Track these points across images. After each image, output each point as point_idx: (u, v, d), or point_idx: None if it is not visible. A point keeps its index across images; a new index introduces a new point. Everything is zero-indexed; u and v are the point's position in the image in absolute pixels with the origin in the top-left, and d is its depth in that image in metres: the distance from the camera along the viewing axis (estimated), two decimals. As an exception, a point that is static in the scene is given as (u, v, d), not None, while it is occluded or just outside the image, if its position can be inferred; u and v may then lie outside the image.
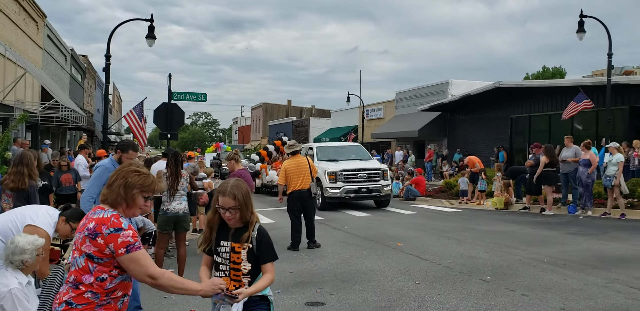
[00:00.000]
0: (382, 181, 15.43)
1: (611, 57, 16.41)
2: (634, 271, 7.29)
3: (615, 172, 12.57)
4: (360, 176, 15.17)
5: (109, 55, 15.20)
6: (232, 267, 3.25)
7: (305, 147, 17.99)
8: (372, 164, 16.06)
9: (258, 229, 3.29)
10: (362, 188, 15.10)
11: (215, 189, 3.34)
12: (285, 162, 10.20)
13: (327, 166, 15.38)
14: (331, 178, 15.04)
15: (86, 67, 37.83)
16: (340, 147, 18.05)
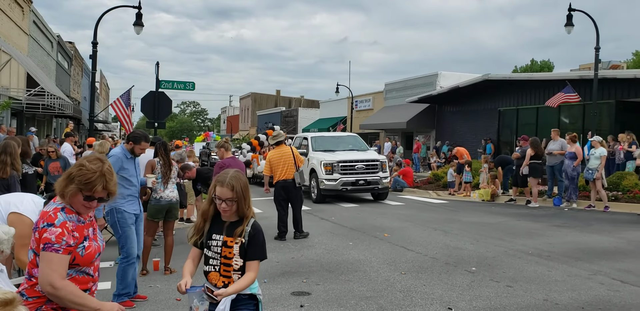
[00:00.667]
0: (381, 173, 14.87)
1: (598, 51, 16.49)
2: (617, 263, 7.39)
3: (597, 165, 12.69)
4: (358, 168, 14.59)
5: (96, 42, 15.02)
6: (222, 262, 3.14)
7: (300, 137, 17.55)
8: (370, 155, 15.48)
9: (253, 225, 3.19)
10: (359, 180, 14.50)
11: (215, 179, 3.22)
12: (269, 153, 10.17)
13: (323, 157, 14.80)
14: (327, 169, 14.44)
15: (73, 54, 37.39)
16: (336, 137, 17.31)
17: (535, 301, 5.72)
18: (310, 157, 15.13)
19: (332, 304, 5.68)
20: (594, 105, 16.30)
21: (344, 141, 16.53)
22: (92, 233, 2.83)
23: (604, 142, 13.55)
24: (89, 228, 2.81)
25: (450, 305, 5.61)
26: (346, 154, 15.16)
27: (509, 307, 5.52)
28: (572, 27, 17.02)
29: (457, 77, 28.48)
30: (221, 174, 3.21)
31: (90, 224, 2.86)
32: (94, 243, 2.79)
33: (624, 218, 11.75)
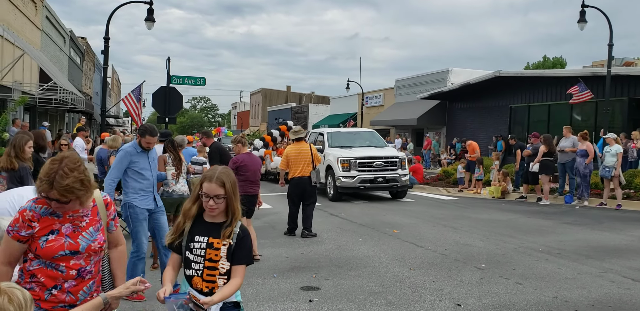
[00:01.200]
0: (400, 170, 14.27)
1: (612, 48, 16.34)
2: (628, 261, 7.34)
3: (614, 163, 12.60)
4: (377, 165, 14.05)
5: (108, 37, 15.10)
6: (206, 265, 2.89)
7: (315, 132, 17.04)
8: (388, 151, 14.90)
9: (241, 227, 2.99)
10: (378, 178, 13.94)
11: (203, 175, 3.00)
12: (287, 148, 10.06)
13: (340, 154, 14.31)
14: (344, 166, 13.93)
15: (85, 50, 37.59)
16: (353, 133, 16.64)
17: (545, 298, 5.70)
18: (327, 153, 14.75)
19: (341, 299, 5.69)
20: (607, 102, 16.16)
21: (361, 137, 16.02)
22: (72, 229, 2.71)
23: (618, 139, 13.45)
24: (65, 223, 2.70)
25: (459, 301, 5.60)
26: (364, 150, 14.64)
27: (518, 304, 5.50)
28: (585, 23, 16.87)
29: (468, 73, 28.31)
30: (209, 171, 3.02)
31: (73, 219, 2.73)
32: (65, 239, 2.67)
33: (636, 216, 11.66)
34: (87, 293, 2.79)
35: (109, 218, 2.96)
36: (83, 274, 2.75)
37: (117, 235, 3.05)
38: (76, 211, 2.76)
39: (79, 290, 2.75)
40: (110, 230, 2.97)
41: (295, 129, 10.04)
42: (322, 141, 15.39)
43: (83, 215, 2.79)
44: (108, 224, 2.95)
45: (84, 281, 2.77)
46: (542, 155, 13.68)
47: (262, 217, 11.24)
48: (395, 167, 14.20)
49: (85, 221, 2.79)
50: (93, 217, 2.83)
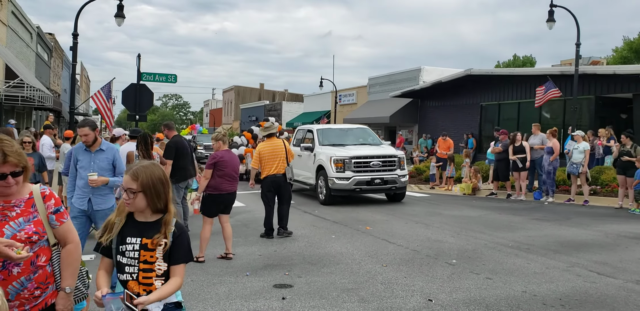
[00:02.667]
0: (399, 170, 13.08)
1: (579, 47, 16.68)
2: (594, 255, 7.52)
3: (581, 160, 12.88)
4: (374, 165, 12.82)
5: (77, 33, 14.82)
6: (142, 268, 2.76)
7: (303, 129, 15.76)
8: (386, 150, 13.61)
9: (176, 224, 2.85)
10: (375, 179, 12.72)
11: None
12: (260, 145, 9.56)
13: (334, 152, 12.97)
14: (338, 166, 12.64)
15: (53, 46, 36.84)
16: (345, 130, 15.23)
17: (514, 292, 5.81)
18: (318, 152, 13.54)
19: (314, 296, 5.70)
20: (574, 100, 16.50)
21: (354, 134, 14.86)
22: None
23: (586, 137, 13.76)
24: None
25: (431, 296, 5.67)
26: (359, 149, 13.41)
27: (488, 299, 5.59)
28: (553, 22, 17.18)
29: (439, 72, 28.59)
30: (133, 164, 2.93)
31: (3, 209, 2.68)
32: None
33: (602, 211, 11.94)
34: (19, 289, 2.68)
35: (48, 211, 2.81)
36: (9, 266, 2.65)
37: (63, 232, 2.86)
38: (8, 201, 2.69)
39: (8, 284, 2.64)
40: (52, 225, 2.82)
41: (266, 124, 9.66)
42: (311, 139, 14.34)
43: (14, 205, 2.72)
44: (48, 217, 2.81)
45: (12, 276, 2.66)
46: (515, 152, 13.98)
47: (235, 215, 11.18)
48: (393, 167, 13.04)
49: (15, 211, 2.71)
50: (26, 208, 2.75)
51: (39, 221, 2.76)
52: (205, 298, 5.65)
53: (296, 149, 14.13)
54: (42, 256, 2.78)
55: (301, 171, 14.17)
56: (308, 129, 15.25)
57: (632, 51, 42.51)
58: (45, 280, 2.79)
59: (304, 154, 14.17)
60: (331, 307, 5.36)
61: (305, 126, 16.25)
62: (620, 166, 12.28)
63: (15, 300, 2.68)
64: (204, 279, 6.41)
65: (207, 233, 7.41)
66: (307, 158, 14.05)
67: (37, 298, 2.76)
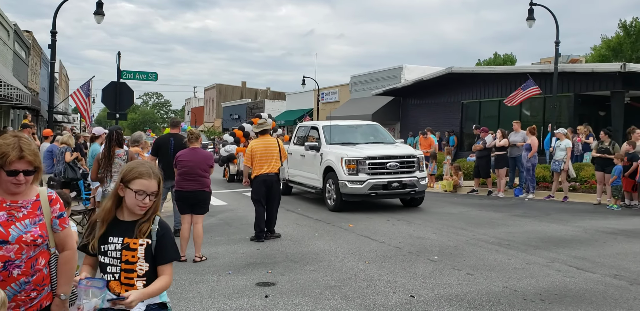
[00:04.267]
0: (418, 172, 11.66)
1: (558, 45, 16.86)
2: (573, 250, 7.63)
3: (563, 157, 13.05)
4: (391, 166, 11.35)
5: (55, 31, 14.62)
6: (123, 268, 2.73)
7: (305, 126, 14.14)
8: (404, 149, 12.24)
9: (159, 223, 2.81)
10: (392, 182, 11.27)
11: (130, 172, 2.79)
12: (252, 142, 9.15)
13: (345, 152, 11.52)
14: (351, 168, 11.20)
15: (31, 44, 36.30)
16: (354, 126, 13.69)
17: (495, 288, 5.87)
18: (325, 152, 12.06)
19: (296, 294, 5.71)
20: (554, 98, 16.68)
21: (363, 131, 13.38)
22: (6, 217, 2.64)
23: (568, 134, 13.94)
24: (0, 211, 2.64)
25: (413, 292, 5.70)
26: (372, 148, 11.97)
27: (469, 294, 5.64)
28: (533, 21, 17.35)
29: (421, 70, 28.73)
30: (138, 166, 2.82)
31: (10, 208, 2.66)
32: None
33: (581, 207, 12.11)
34: (17, 291, 2.66)
35: (53, 215, 2.80)
36: (10, 268, 2.63)
37: (63, 238, 2.84)
38: (15, 201, 2.69)
39: (6, 286, 2.62)
40: (55, 229, 2.81)
41: (259, 121, 9.29)
42: (317, 137, 12.78)
43: (21, 206, 2.71)
44: (52, 221, 2.80)
45: (12, 277, 2.64)
46: (498, 149, 14.11)
47: (217, 214, 11.14)
48: (412, 168, 11.59)
49: (22, 212, 2.70)
50: (33, 210, 2.74)
51: (44, 224, 2.75)
52: (187, 297, 5.62)
53: (297, 148, 13.46)
54: (41, 259, 2.76)
55: (305, 172, 13.12)
56: (312, 125, 13.66)
57: (609, 49, 43.14)
58: (41, 282, 2.77)
59: (308, 154, 12.77)
60: (314, 304, 5.37)
61: (308, 123, 14.75)
62: (599, 162, 12.46)
63: (12, 302, 2.66)
64: (186, 278, 6.37)
65: (185, 232, 7.35)
66: (312, 158, 12.59)
67: (32, 299, 2.74)
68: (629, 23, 42.71)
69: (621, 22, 43.15)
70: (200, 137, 7.93)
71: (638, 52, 41.50)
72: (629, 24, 42.65)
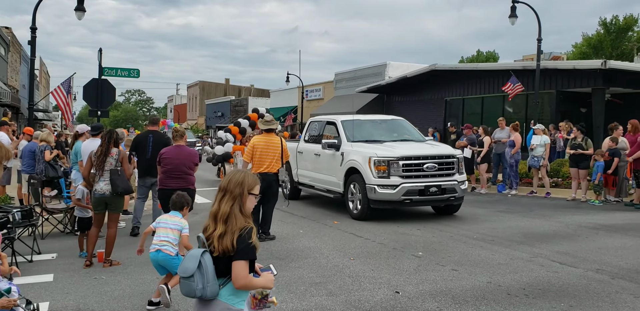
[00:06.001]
0: (457, 175, 10.18)
1: (541, 43, 17.00)
2: (556, 246, 7.69)
3: (542, 153, 13.17)
4: (428, 168, 9.82)
5: (35, 27, 14.37)
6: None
7: (320, 121, 12.35)
8: (443, 148, 10.71)
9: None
10: (430, 187, 9.73)
11: (250, 181, 3.00)
12: (255, 138, 8.80)
13: (373, 151, 9.91)
14: (381, 170, 9.67)
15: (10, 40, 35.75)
16: (378, 121, 12.03)
17: (480, 283, 5.89)
18: (347, 151, 10.48)
19: (282, 291, 5.68)
20: (536, 95, 16.82)
21: (388, 127, 11.80)
22: None
23: (546, 130, 14.07)
24: None
25: (398, 288, 5.71)
26: (404, 146, 10.44)
27: (454, 290, 5.66)
28: (515, 18, 17.47)
29: (405, 67, 28.80)
30: (248, 174, 3.03)
31: None
32: None
33: (564, 203, 12.23)
34: None
35: None
36: None
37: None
38: None
39: None
40: None
41: (267, 118, 8.96)
42: (335, 135, 11.28)
43: None
44: None
45: None
46: (480, 146, 14.20)
47: (201, 212, 11.06)
48: (452, 171, 10.11)
49: None
50: None
51: None
52: (171, 296, 5.56)
53: (309, 147, 12.10)
54: None
55: (319, 174, 11.54)
56: (327, 121, 12.01)
57: (590, 47, 43.63)
58: None
59: (324, 153, 11.16)
60: (299, 301, 5.35)
61: (323, 117, 12.68)
62: (573, 159, 12.57)
63: None
64: (169, 276, 6.31)
65: None
66: (329, 158, 10.99)
67: None
68: (609, 21, 43.24)
69: (601, 20, 43.68)
70: (185, 135, 7.87)
71: (618, 50, 42.06)
72: (609, 22, 43.18)
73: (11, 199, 11.33)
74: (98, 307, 5.26)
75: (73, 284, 6.06)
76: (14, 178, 11.83)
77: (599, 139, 15.47)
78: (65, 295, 5.65)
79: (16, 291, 4.37)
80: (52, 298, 5.53)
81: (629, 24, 42.75)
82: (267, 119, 8.81)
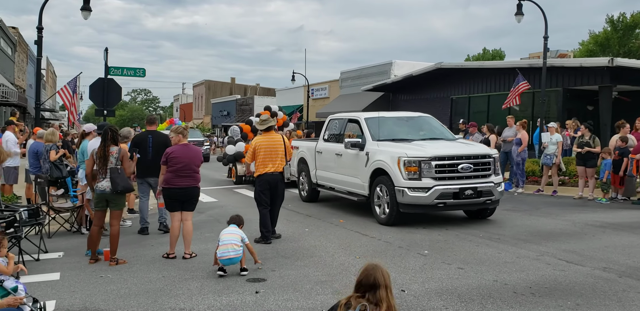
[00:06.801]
0: (494, 176, 9.45)
1: (547, 40, 16.90)
2: (562, 244, 7.66)
3: (555, 151, 13.10)
4: (463, 169, 9.04)
5: (41, 27, 14.41)
6: None
7: (341, 119, 11.70)
8: (478, 148, 9.95)
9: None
10: (465, 189, 8.96)
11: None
12: (256, 138, 8.56)
13: (402, 151, 9.14)
14: (411, 171, 8.91)
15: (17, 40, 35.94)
16: (404, 119, 11.33)
17: (486, 282, 5.87)
18: (373, 150, 9.77)
19: (287, 289, 5.68)
20: (543, 92, 16.74)
21: (414, 125, 11.07)
22: None
23: (558, 129, 14.01)
24: None
25: (404, 287, 5.70)
26: (435, 145, 9.65)
27: (460, 288, 5.64)
28: (522, 16, 17.37)
29: (410, 65, 28.73)
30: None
31: None
32: None
33: (570, 201, 12.18)
34: None
35: None
36: None
37: None
38: None
39: None
40: None
41: (262, 117, 8.78)
42: (358, 134, 10.55)
43: None
44: None
45: None
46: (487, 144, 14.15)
47: (207, 211, 11.09)
48: (488, 172, 9.37)
49: None
50: None
51: None
52: (177, 294, 5.58)
53: (329, 146, 11.48)
54: None
55: (341, 176, 10.88)
56: (349, 118, 11.31)
57: (597, 45, 43.36)
58: None
59: (347, 153, 10.50)
60: (305, 300, 5.34)
61: (343, 115, 11.98)
62: (580, 157, 12.50)
63: None
64: (175, 274, 6.33)
65: (175, 230, 7.30)
66: (353, 158, 10.32)
67: None
68: (616, 18, 42.95)
69: (608, 17, 43.39)
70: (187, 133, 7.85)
71: (625, 47, 41.79)
72: (616, 19, 42.89)
73: (18, 198, 11.38)
74: (104, 306, 5.28)
75: (79, 282, 6.08)
76: (22, 177, 11.88)
77: (606, 137, 15.39)
78: (72, 293, 5.67)
79: (23, 289, 4.40)
80: (58, 296, 5.55)
81: (636, 21, 42.44)
82: (262, 118, 8.63)
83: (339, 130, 11.49)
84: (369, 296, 3.07)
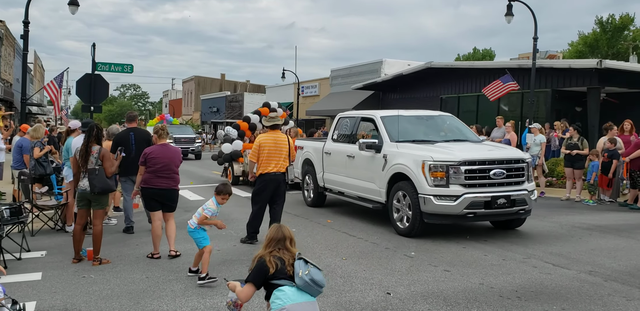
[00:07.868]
0: (527, 183, 8.49)
1: (536, 41, 16.92)
2: (549, 246, 7.66)
3: (538, 152, 13.13)
4: (495, 175, 8.09)
5: (28, 21, 14.21)
6: None
7: (353, 117, 10.74)
8: (510, 151, 8.95)
9: None
10: (498, 198, 8.02)
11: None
12: (261, 136, 8.28)
13: (427, 153, 8.23)
14: (438, 176, 7.98)
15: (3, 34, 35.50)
16: (424, 118, 10.31)
17: (472, 285, 5.85)
18: (391, 153, 8.81)
19: (272, 291, 5.62)
20: (532, 93, 16.78)
21: (435, 125, 10.19)
22: None
23: (542, 129, 14.03)
24: None
25: (389, 289, 5.66)
26: (462, 147, 8.73)
27: (446, 291, 5.62)
28: (512, 16, 17.39)
29: (401, 64, 28.75)
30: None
31: None
32: None
33: (558, 202, 12.21)
34: None
35: None
36: None
37: None
38: None
39: None
40: None
41: (270, 114, 8.54)
42: (374, 134, 9.68)
43: None
44: None
45: None
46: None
47: (193, 209, 10.96)
48: (522, 178, 8.43)
49: None
50: None
51: None
52: (160, 296, 5.51)
53: (339, 147, 10.59)
54: None
55: (353, 180, 9.95)
56: (363, 116, 10.36)
57: (586, 46, 43.66)
58: None
59: (360, 155, 9.56)
60: (289, 302, 5.28)
61: (356, 113, 10.98)
62: (568, 158, 12.53)
63: None
64: (159, 275, 6.25)
65: (157, 230, 7.22)
66: (368, 160, 9.40)
67: None
68: (605, 19, 43.25)
69: (598, 18, 43.71)
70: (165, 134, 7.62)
71: (614, 49, 42.10)
72: (605, 21, 43.20)
73: (3, 194, 11.23)
74: (85, 307, 5.19)
75: (61, 283, 5.99)
76: (7, 173, 11.71)
77: (594, 138, 15.46)
78: (53, 294, 5.58)
79: (2, 291, 4.30)
80: (39, 297, 5.46)
81: (625, 23, 42.78)
82: (270, 116, 8.34)
83: (351, 130, 10.57)
84: (281, 247, 4.00)
